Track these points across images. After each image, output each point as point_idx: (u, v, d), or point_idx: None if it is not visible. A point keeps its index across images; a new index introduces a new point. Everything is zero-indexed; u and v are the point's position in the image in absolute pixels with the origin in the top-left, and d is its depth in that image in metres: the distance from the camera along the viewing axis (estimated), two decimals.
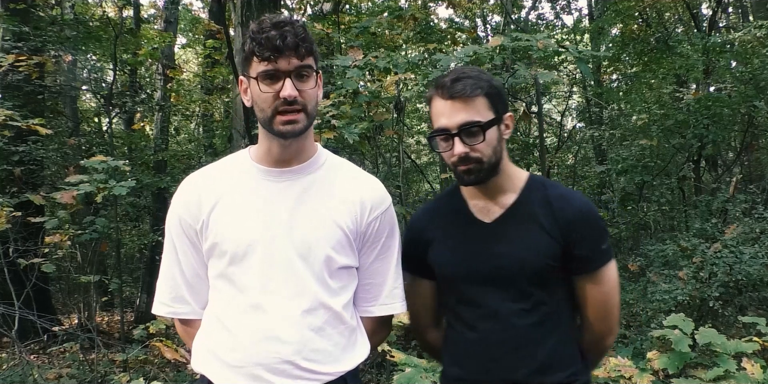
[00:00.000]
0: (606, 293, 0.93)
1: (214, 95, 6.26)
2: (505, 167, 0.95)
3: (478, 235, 0.95)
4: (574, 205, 0.92)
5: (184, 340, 1.00)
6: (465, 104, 0.89)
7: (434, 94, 0.92)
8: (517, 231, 0.93)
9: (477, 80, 0.90)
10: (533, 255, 0.91)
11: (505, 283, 0.92)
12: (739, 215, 4.02)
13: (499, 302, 0.92)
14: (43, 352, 3.64)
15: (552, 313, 0.92)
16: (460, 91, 0.89)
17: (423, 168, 7.51)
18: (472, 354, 0.94)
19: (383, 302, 0.95)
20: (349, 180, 0.94)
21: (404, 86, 3.84)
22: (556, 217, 0.91)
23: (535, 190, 0.95)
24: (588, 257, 0.92)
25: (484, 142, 0.90)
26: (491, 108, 0.90)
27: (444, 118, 0.90)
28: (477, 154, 0.90)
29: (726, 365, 1.74)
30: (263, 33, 0.81)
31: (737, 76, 5.04)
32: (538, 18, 9.10)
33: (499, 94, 0.92)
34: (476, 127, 0.89)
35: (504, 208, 0.95)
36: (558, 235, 0.91)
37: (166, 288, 0.94)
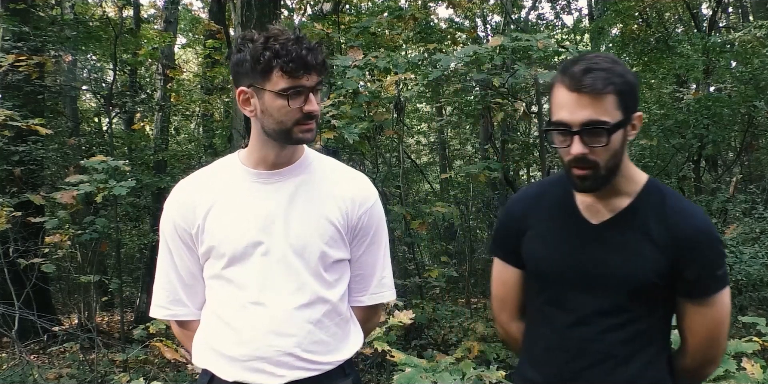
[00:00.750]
0: (715, 321, 0.85)
1: (214, 95, 6.26)
2: (623, 169, 0.85)
3: (581, 235, 0.87)
4: (692, 222, 0.82)
5: (181, 342, 1.02)
6: (593, 100, 0.77)
7: (559, 82, 0.80)
8: (625, 239, 0.84)
9: (610, 74, 0.77)
10: (638, 269, 0.82)
11: (603, 292, 0.84)
12: (739, 215, 4.02)
13: (592, 311, 0.84)
14: (43, 352, 3.64)
15: (646, 331, 0.84)
16: (589, 86, 0.76)
17: (423, 168, 7.51)
18: (552, 360, 0.87)
19: (373, 292, 0.99)
20: (337, 177, 0.96)
21: (404, 86, 3.84)
22: (670, 232, 0.82)
23: (653, 197, 0.86)
24: (699, 281, 0.82)
25: (607, 145, 0.79)
26: (620, 107, 0.78)
27: (566, 112, 0.79)
28: (595, 157, 0.80)
29: (726, 365, 1.73)
30: (289, 49, 0.82)
31: (737, 76, 5.04)
32: (538, 18, 9.11)
33: (631, 90, 0.80)
34: (601, 128, 0.78)
35: (615, 211, 0.86)
36: (669, 252, 0.82)
37: (164, 291, 0.97)
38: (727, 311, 0.85)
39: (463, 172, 4.11)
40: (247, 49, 0.85)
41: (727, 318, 0.86)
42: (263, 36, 0.84)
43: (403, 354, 1.95)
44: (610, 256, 0.84)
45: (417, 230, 3.73)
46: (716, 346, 0.86)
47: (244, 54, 0.85)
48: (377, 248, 0.99)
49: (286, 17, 5.43)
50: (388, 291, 1.01)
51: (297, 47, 0.83)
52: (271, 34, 0.84)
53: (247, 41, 0.85)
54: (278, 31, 0.85)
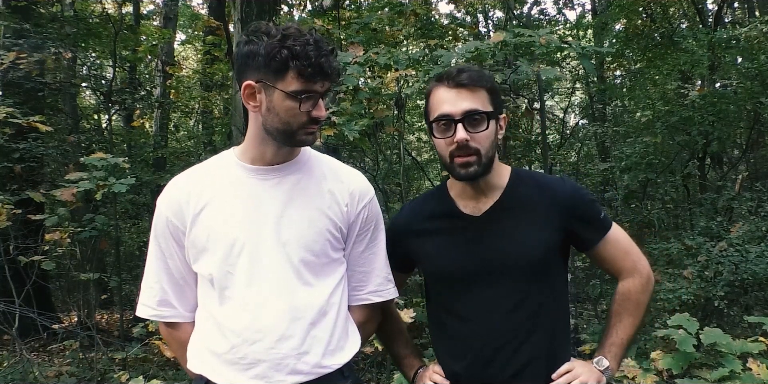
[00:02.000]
0: (624, 243, 0.98)
1: (214, 92, 6.25)
2: (494, 166, 0.96)
3: (469, 230, 0.95)
4: (564, 186, 0.96)
5: (168, 343, 1.01)
6: (470, 93, 0.90)
7: (436, 85, 0.93)
8: (509, 224, 0.94)
9: (481, 74, 0.93)
10: (530, 247, 0.92)
11: (503, 278, 0.92)
12: (745, 213, 3.98)
13: (494, 297, 0.92)
14: (43, 349, 3.65)
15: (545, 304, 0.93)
16: (465, 80, 0.90)
17: (424, 165, 7.49)
18: (466, 351, 0.94)
19: (377, 289, 0.99)
20: (335, 174, 0.96)
21: (405, 83, 3.80)
22: (549, 202, 0.93)
23: (522, 181, 0.97)
24: (591, 230, 0.95)
25: (486, 131, 0.90)
26: (491, 104, 0.92)
27: (447, 105, 0.90)
28: (477, 144, 0.90)
29: (731, 365, 1.71)
30: (309, 53, 0.81)
31: (743, 72, 4.98)
32: (541, 13, 9.02)
33: (498, 93, 0.95)
34: (480, 116, 0.90)
35: (492, 202, 0.96)
36: (557, 219, 0.93)
37: (151, 290, 0.94)
38: (624, 233, 0.99)
39: None
40: (261, 42, 0.82)
41: (627, 237, 0.99)
42: (280, 32, 0.82)
43: None
44: (501, 242, 0.93)
45: None
46: (640, 253, 0.99)
47: (258, 47, 0.82)
48: (378, 244, 0.98)
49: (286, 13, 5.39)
50: (392, 288, 1.01)
51: (316, 52, 0.82)
52: (289, 32, 0.82)
53: (262, 34, 0.82)
54: (296, 31, 0.83)
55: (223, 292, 0.88)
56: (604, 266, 0.99)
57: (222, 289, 0.88)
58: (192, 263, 0.92)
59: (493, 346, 0.92)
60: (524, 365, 0.91)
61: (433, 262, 0.98)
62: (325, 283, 0.91)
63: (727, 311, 3.16)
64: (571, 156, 7.45)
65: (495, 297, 0.92)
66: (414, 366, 1.03)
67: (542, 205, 0.94)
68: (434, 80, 0.95)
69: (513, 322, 0.92)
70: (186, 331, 0.95)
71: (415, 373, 1.02)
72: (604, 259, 0.98)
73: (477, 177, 0.93)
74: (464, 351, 0.95)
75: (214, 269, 0.88)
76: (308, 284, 0.89)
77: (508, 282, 0.92)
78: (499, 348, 0.92)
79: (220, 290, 0.89)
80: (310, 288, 0.89)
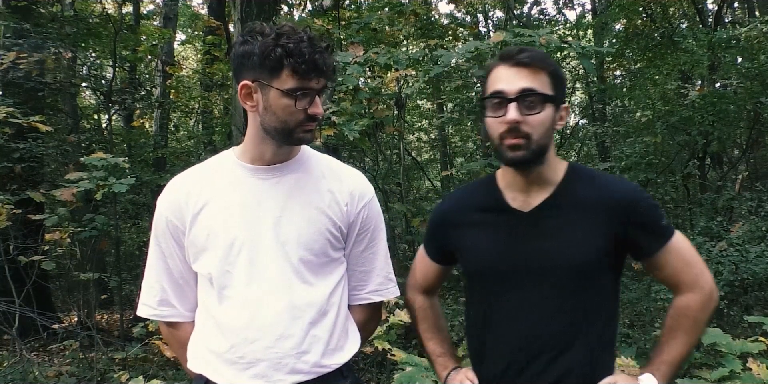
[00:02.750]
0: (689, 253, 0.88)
1: (214, 92, 6.25)
2: (549, 158, 0.89)
3: (515, 226, 0.88)
4: (625, 187, 0.87)
5: (168, 343, 1.01)
6: (530, 73, 0.83)
7: (496, 64, 0.86)
8: (559, 223, 0.86)
9: (545, 56, 0.86)
10: (579, 251, 0.84)
11: (546, 281, 0.85)
12: (745, 213, 3.98)
13: (532, 301, 0.86)
14: (43, 349, 3.64)
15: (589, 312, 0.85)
16: (526, 58, 0.83)
17: (424, 165, 7.48)
18: (503, 354, 0.88)
19: (377, 288, 0.98)
20: (334, 173, 0.96)
21: (405, 83, 3.80)
22: (606, 203, 0.85)
23: (578, 178, 0.89)
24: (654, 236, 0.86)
25: (540, 115, 0.82)
26: (553, 88, 0.85)
27: (503, 83, 0.83)
28: (528, 128, 0.82)
29: (731, 365, 1.71)
30: (303, 50, 0.81)
31: (743, 72, 4.98)
32: (541, 13, 9.02)
33: (562, 79, 0.87)
34: (536, 96, 0.82)
35: (543, 198, 0.88)
36: (613, 223, 0.84)
37: (151, 290, 0.94)
38: (687, 244, 0.89)
39: (465, 169, 4.08)
40: (256, 42, 0.82)
41: (690, 247, 0.89)
42: (274, 31, 0.82)
43: (403, 353, 1.93)
44: (548, 242, 0.86)
45: (417, 228, 3.71)
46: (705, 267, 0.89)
47: (252, 47, 0.82)
48: (378, 243, 0.98)
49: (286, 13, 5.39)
50: (393, 286, 1.01)
51: (310, 49, 0.81)
52: (283, 31, 0.82)
53: (256, 34, 0.83)
54: (290, 29, 0.83)
55: (223, 291, 0.88)
56: (662, 277, 0.89)
57: (221, 288, 0.88)
58: (192, 263, 0.92)
59: (529, 353, 0.86)
60: (562, 376, 0.84)
61: (471, 257, 0.92)
62: (324, 283, 0.90)
63: (727, 311, 3.16)
64: (571, 156, 7.45)
65: (534, 300, 0.86)
66: (448, 366, 0.97)
67: (598, 206, 0.85)
68: (494, 60, 0.87)
69: (552, 328, 0.85)
70: (186, 331, 0.95)
71: (448, 373, 0.96)
72: (663, 269, 0.88)
73: (526, 163, 0.84)
74: (499, 355, 0.89)
75: (214, 268, 0.88)
76: (308, 283, 0.89)
77: (550, 285, 0.85)
78: (536, 355, 0.85)
79: (219, 289, 0.88)
80: (310, 287, 0.89)
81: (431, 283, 1.04)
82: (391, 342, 2.11)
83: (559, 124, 0.88)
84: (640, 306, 3.54)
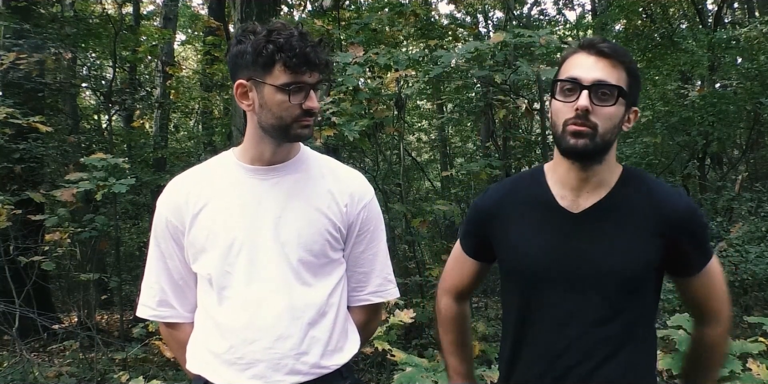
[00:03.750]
0: (719, 281, 0.87)
1: (214, 92, 6.25)
2: (610, 160, 0.84)
3: (562, 226, 0.83)
4: (680, 202, 0.83)
5: (167, 343, 1.01)
6: (609, 65, 0.80)
7: (575, 52, 0.83)
8: (609, 228, 0.82)
9: (626, 53, 0.83)
10: (626, 259, 0.80)
11: (589, 286, 0.81)
12: (745, 214, 3.98)
13: (577, 307, 0.82)
14: (43, 350, 3.64)
15: (632, 324, 0.82)
16: (607, 49, 0.80)
17: (424, 166, 7.48)
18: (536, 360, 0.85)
19: (377, 290, 0.98)
20: (334, 174, 0.95)
21: (405, 83, 3.80)
22: (659, 214, 0.81)
23: (633, 183, 0.84)
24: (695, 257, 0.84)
25: (612, 109, 0.78)
26: (627, 85, 0.81)
27: (581, 70, 0.80)
28: (597, 119, 0.78)
29: (731, 366, 1.71)
30: (293, 44, 0.81)
31: (743, 72, 4.99)
32: (541, 14, 9.03)
33: (638, 79, 0.83)
34: (611, 90, 0.78)
35: (594, 200, 0.83)
36: (660, 236, 0.81)
37: (150, 291, 0.95)
38: (720, 269, 0.89)
39: (465, 169, 4.08)
40: (248, 41, 0.83)
41: (722, 273, 0.89)
42: (265, 29, 0.83)
43: (403, 353, 1.93)
44: (595, 247, 0.82)
45: (417, 228, 3.71)
46: (728, 301, 0.89)
47: (245, 46, 0.83)
48: (378, 244, 0.98)
49: (286, 13, 5.39)
50: (393, 288, 1.00)
51: (301, 43, 0.81)
52: (274, 27, 0.83)
53: (249, 33, 0.84)
54: (281, 25, 0.83)
55: (222, 291, 0.88)
56: (690, 299, 0.87)
57: (221, 288, 0.88)
58: (191, 263, 0.92)
59: (569, 361, 0.81)
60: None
61: (512, 254, 0.87)
62: (324, 284, 0.90)
63: None
64: None
65: (578, 307, 0.81)
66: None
67: (653, 216, 0.81)
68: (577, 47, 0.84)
69: (592, 340, 0.81)
70: (185, 332, 0.95)
71: None
72: (696, 292, 0.86)
73: (586, 154, 0.79)
74: (535, 361, 0.85)
75: (213, 269, 0.88)
76: (307, 284, 0.89)
77: (593, 293, 0.80)
78: (573, 366, 0.81)
79: (218, 290, 0.88)
80: (309, 288, 0.89)
81: (466, 283, 0.97)
82: (391, 342, 2.11)
83: (626, 125, 0.84)
84: None
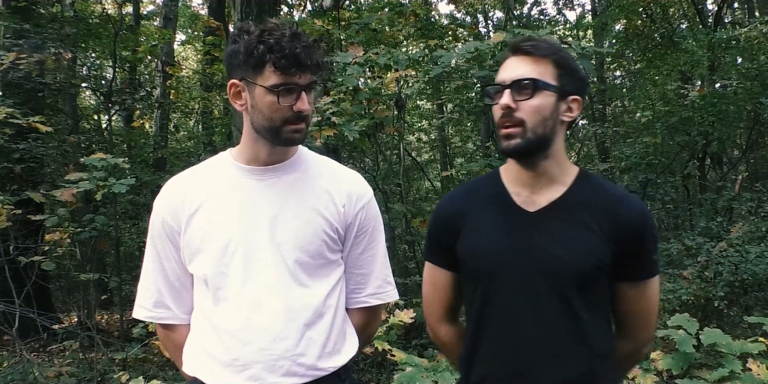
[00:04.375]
0: (652, 301, 0.88)
1: (214, 92, 6.25)
2: (557, 154, 0.86)
3: (519, 225, 0.85)
4: (633, 208, 0.84)
5: (163, 345, 1.00)
6: (531, 61, 0.82)
7: (506, 57, 0.87)
8: (564, 227, 0.83)
9: (553, 48, 0.84)
10: (581, 256, 0.82)
11: (547, 283, 0.82)
12: (745, 214, 3.98)
13: (536, 304, 0.83)
14: (43, 350, 3.64)
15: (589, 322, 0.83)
16: (528, 47, 0.83)
17: (424, 166, 7.48)
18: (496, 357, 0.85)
19: (376, 291, 0.97)
20: (332, 174, 0.95)
21: (405, 83, 3.80)
22: (612, 219, 0.83)
23: (588, 186, 0.86)
24: (640, 264, 0.85)
25: (533, 101, 0.80)
26: (557, 79, 0.82)
27: (504, 72, 0.84)
28: (522, 115, 0.81)
29: (731, 366, 1.71)
30: (283, 45, 0.80)
31: (743, 72, 4.98)
32: (541, 14, 9.03)
33: (572, 71, 0.84)
34: (528, 81, 0.81)
35: (550, 200, 0.85)
36: (611, 239, 0.82)
37: (147, 292, 0.94)
38: (657, 291, 0.90)
39: (465, 169, 4.08)
40: (242, 41, 0.83)
41: (657, 297, 0.91)
42: (259, 29, 0.82)
43: (403, 353, 1.93)
44: (550, 244, 0.83)
45: (417, 228, 3.71)
46: (653, 324, 0.91)
47: (239, 46, 0.83)
48: (377, 246, 0.97)
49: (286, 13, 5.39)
50: (392, 290, 0.99)
51: (292, 44, 0.81)
52: (267, 27, 0.82)
53: (243, 33, 0.83)
54: (274, 26, 0.83)
55: (217, 292, 0.87)
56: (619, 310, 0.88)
57: (216, 289, 0.87)
58: (187, 264, 0.91)
59: (527, 358, 0.83)
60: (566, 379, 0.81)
61: (470, 252, 0.87)
62: (321, 285, 0.89)
63: (727, 312, 3.15)
64: (571, 156, 7.43)
65: (530, 304, 0.83)
66: None
67: (605, 217, 0.83)
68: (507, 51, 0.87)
69: (547, 335, 0.82)
70: (182, 333, 0.94)
71: None
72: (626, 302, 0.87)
73: (521, 152, 0.82)
74: (494, 359, 0.85)
75: (209, 269, 0.87)
76: (303, 285, 0.87)
77: (548, 290, 0.82)
78: (535, 360, 0.82)
79: (214, 291, 0.88)
80: (306, 289, 0.88)
81: (452, 301, 0.94)
82: (391, 342, 2.10)
83: (566, 115, 0.85)
84: None
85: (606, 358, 0.86)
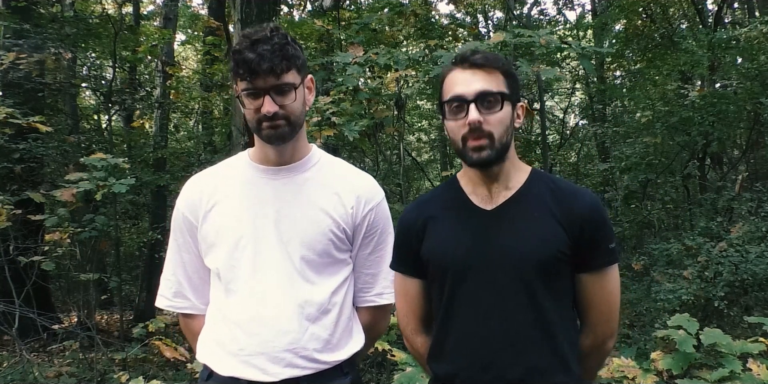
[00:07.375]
0: (612, 293, 0.91)
1: (214, 92, 6.25)
2: (511, 156, 0.91)
3: (478, 223, 0.89)
4: (585, 200, 0.89)
5: (184, 333, 1.06)
6: (485, 74, 0.86)
7: (451, 69, 0.89)
8: (521, 221, 0.87)
9: (496, 56, 0.89)
10: (541, 244, 0.85)
11: (508, 276, 0.85)
12: (745, 214, 3.98)
13: (499, 298, 0.86)
14: (43, 350, 3.64)
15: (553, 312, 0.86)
16: (480, 60, 0.86)
17: (424, 165, 7.49)
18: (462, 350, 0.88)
19: (383, 291, 1.00)
20: (343, 176, 1.00)
21: (405, 83, 3.80)
22: (566, 212, 0.87)
23: (542, 182, 0.91)
24: (596, 255, 0.88)
25: (500, 114, 0.85)
26: (507, 87, 0.87)
27: (461, 86, 0.86)
28: (490, 128, 0.85)
29: (731, 366, 1.71)
30: (241, 53, 0.84)
31: (743, 72, 4.98)
32: (541, 14, 9.03)
33: (515, 77, 0.90)
34: (494, 97, 0.85)
35: (506, 197, 0.90)
36: (568, 228, 0.86)
37: (168, 283, 1.00)
38: (618, 283, 0.92)
39: None
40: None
41: (618, 290, 0.93)
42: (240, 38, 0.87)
43: (403, 353, 1.93)
44: (509, 238, 0.87)
45: None
46: (615, 317, 0.93)
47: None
48: (386, 247, 0.99)
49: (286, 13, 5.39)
50: None
51: (249, 51, 0.84)
52: (246, 34, 0.86)
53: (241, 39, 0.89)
54: (251, 32, 0.86)
55: (228, 285, 0.92)
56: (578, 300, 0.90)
57: (227, 282, 0.92)
58: (204, 257, 0.96)
59: (494, 349, 0.85)
60: (527, 373, 0.84)
61: (434, 254, 0.91)
62: (327, 282, 0.93)
63: (727, 312, 3.15)
64: (571, 156, 7.46)
65: (494, 298, 0.86)
66: None
67: (558, 209, 0.87)
68: (450, 65, 0.90)
69: (513, 328, 0.85)
70: (201, 322, 0.99)
71: None
72: (585, 293, 0.89)
73: (490, 162, 0.86)
74: (462, 351, 0.88)
75: (221, 263, 0.92)
76: (310, 282, 0.91)
77: (510, 282, 0.85)
78: (496, 355, 0.85)
79: (225, 283, 0.92)
80: (312, 285, 0.91)
81: (424, 310, 0.96)
82: (391, 342, 2.11)
83: (517, 121, 0.90)
84: (640, 306, 3.54)
85: (573, 349, 0.89)
